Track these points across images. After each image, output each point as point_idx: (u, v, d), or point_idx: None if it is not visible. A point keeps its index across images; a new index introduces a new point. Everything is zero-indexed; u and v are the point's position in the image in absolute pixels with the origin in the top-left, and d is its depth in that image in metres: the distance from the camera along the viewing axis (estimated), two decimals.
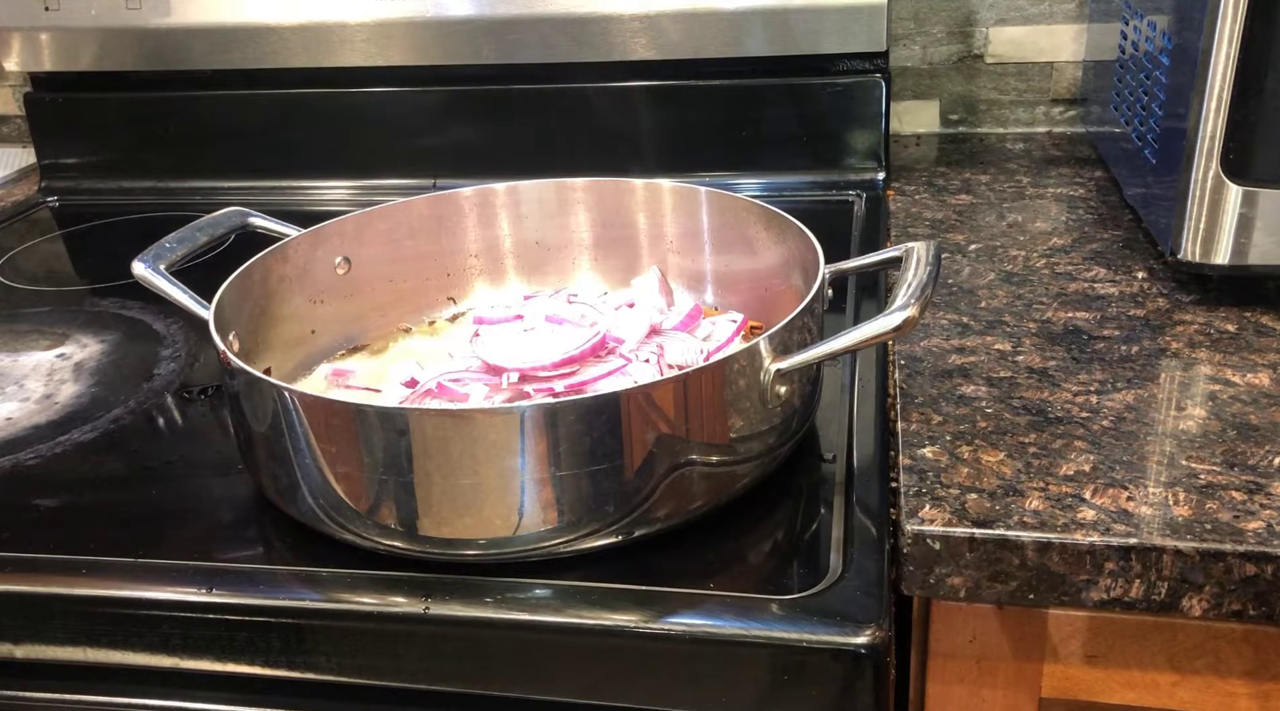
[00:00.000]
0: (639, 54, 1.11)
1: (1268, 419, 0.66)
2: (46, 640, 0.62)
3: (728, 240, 0.81)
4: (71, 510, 0.68)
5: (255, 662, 0.60)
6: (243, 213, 0.81)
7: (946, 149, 1.20)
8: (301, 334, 0.77)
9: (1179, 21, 0.80)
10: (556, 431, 0.56)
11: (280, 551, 0.64)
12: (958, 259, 0.90)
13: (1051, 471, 0.62)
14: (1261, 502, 0.59)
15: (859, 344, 0.60)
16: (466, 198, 0.85)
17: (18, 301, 1.00)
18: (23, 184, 1.31)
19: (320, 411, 0.58)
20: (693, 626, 0.55)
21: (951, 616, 0.63)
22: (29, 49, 1.21)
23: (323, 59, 1.16)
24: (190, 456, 0.73)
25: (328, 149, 1.21)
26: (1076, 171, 1.10)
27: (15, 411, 0.80)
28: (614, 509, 0.58)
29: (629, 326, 0.73)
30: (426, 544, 0.59)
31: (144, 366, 0.85)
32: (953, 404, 0.69)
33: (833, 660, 0.54)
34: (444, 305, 0.85)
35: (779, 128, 1.13)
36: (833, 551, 0.60)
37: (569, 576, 0.59)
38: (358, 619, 0.58)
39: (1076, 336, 0.77)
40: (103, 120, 1.24)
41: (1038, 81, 1.23)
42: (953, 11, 1.21)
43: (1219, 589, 0.57)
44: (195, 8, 1.16)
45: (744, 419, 0.60)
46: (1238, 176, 0.76)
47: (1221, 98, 0.74)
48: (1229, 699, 0.63)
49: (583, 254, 0.87)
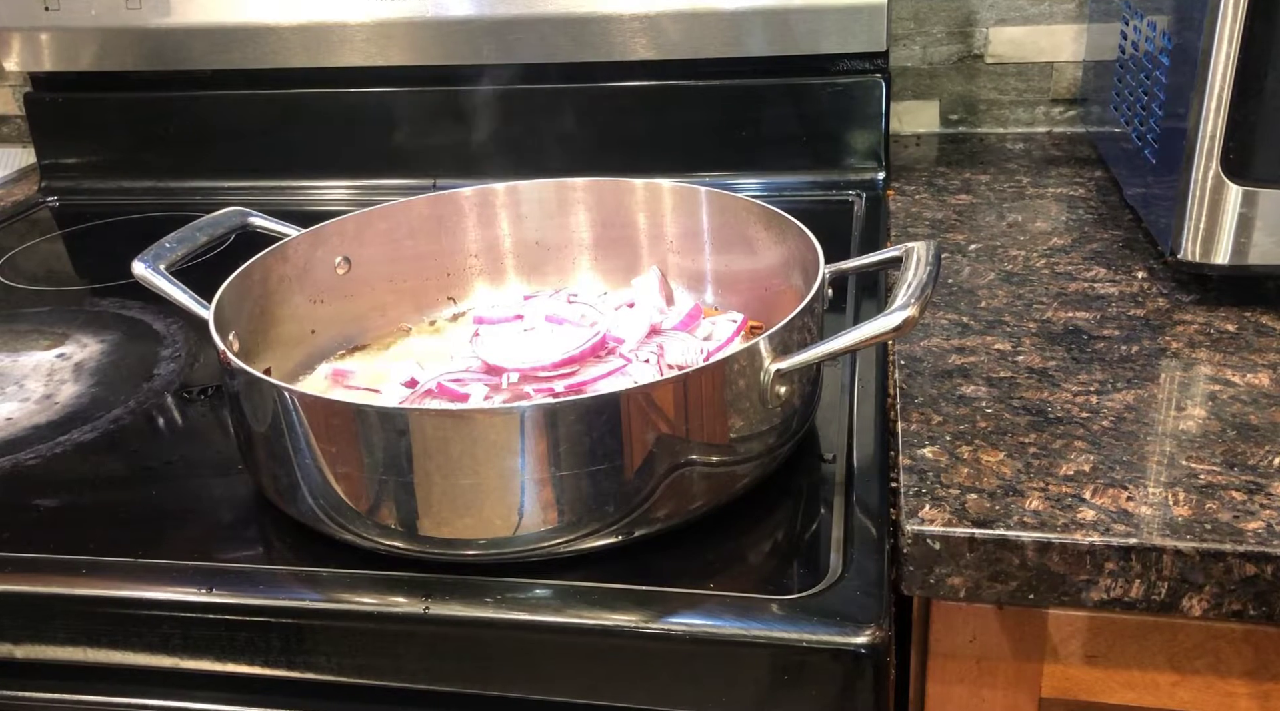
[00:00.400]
0: (639, 54, 1.11)
1: (1268, 419, 0.66)
2: (46, 640, 0.62)
3: (728, 240, 0.81)
4: (71, 510, 0.68)
5: (255, 662, 0.60)
6: (243, 213, 0.81)
7: (946, 149, 1.20)
8: (301, 334, 0.77)
9: (1179, 21, 0.80)
10: (556, 431, 0.56)
11: (280, 551, 0.64)
12: (958, 259, 0.90)
13: (1051, 471, 0.62)
14: (1261, 502, 0.59)
15: (859, 344, 0.60)
16: (466, 198, 0.85)
17: (18, 301, 1.00)
18: (23, 184, 1.31)
19: (320, 411, 0.58)
20: (693, 626, 0.55)
21: (951, 616, 0.63)
22: (29, 49, 1.21)
23: (323, 59, 1.16)
24: (190, 456, 0.73)
25: (328, 149, 1.21)
26: (1076, 171, 1.10)
27: (15, 411, 0.80)
28: (614, 509, 0.58)
29: (629, 326, 0.73)
30: (426, 544, 0.59)
31: (144, 366, 0.85)
32: (953, 404, 0.69)
33: (833, 660, 0.54)
34: (444, 305, 0.85)
35: (779, 128, 1.13)
36: (833, 551, 0.60)
37: (569, 576, 0.59)
38: (358, 619, 0.58)
39: (1076, 336, 0.77)
40: (103, 120, 1.24)
41: (1038, 81, 1.23)
42: (953, 11, 1.21)
43: (1219, 589, 0.57)
44: (195, 8, 1.16)
45: (744, 419, 0.60)
46: (1238, 176, 0.76)
47: (1221, 98, 0.74)
48: (1229, 699, 0.63)
49: (583, 254, 0.87)
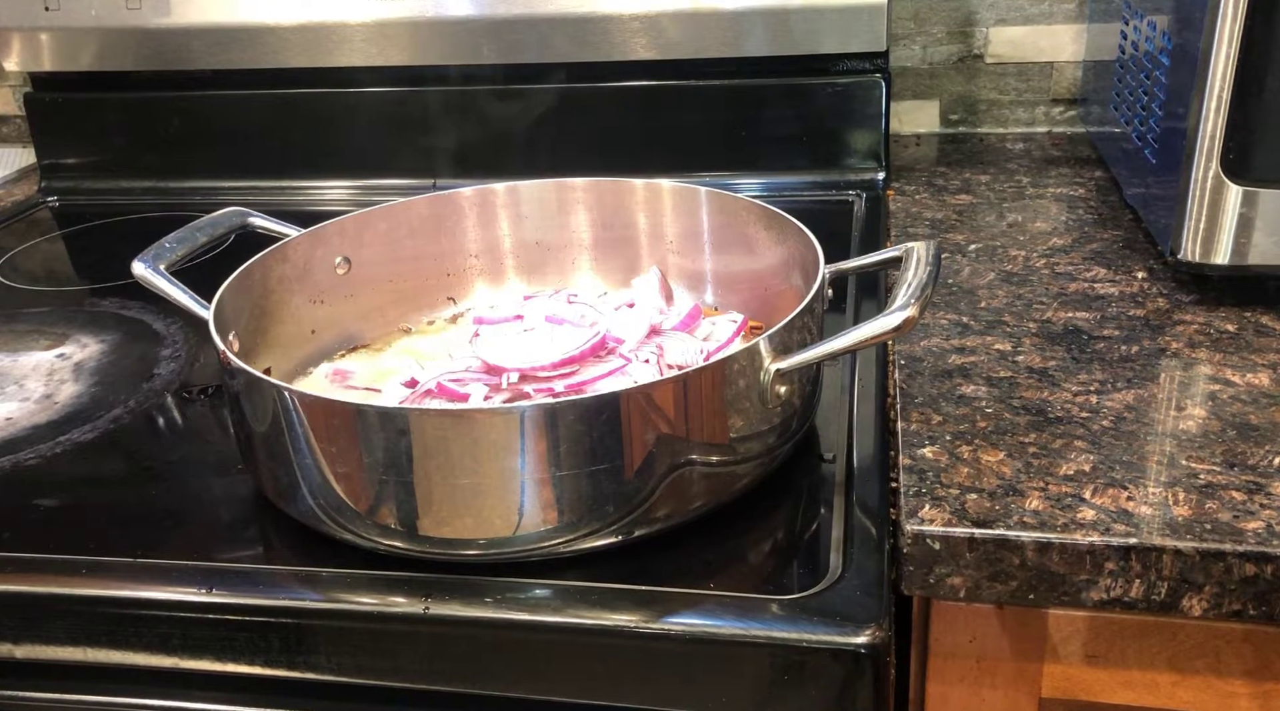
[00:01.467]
0: (639, 54, 1.11)
1: (1268, 419, 0.66)
2: (46, 640, 0.62)
3: (728, 240, 0.81)
4: (71, 510, 0.68)
5: (255, 662, 0.60)
6: (243, 213, 0.81)
7: (946, 149, 1.20)
8: (301, 334, 0.77)
9: (1179, 21, 0.80)
10: (556, 431, 0.56)
11: (280, 551, 0.64)
12: (958, 259, 0.90)
13: (1051, 471, 0.62)
14: (1261, 502, 0.59)
15: (859, 344, 0.60)
16: (466, 198, 0.85)
17: (18, 301, 1.00)
18: (23, 184, 1.31)
19: (320, 411, 0.58)
20: (693, 626, 0.55)
21: (951, 616, 0.63)
22: (29, 49, 1.21)
23: (323, 59, 1.16)
24: (190, 456, 0.73)
25: (328, 149, 1.21)
26: (1076, 171, 1.10)
27: (15, 411, 0.80)
28: (614, 509, 0.58)
29: (629, 326, 0.73)
30: (426, 544, 0.59)
31: (144, 366, 0.85)
32: (953, 404, 0.69)
33: (833, 660, 0.54)
34: (444, 305, 0.85)
35: (779, 128, 1.13)
36: (833, 551, 0.60)
37: (569, 576, 0.59)
38: (358, 619, 0.58)
39: (1076, 336, 0.77)
40: (103, 120, 1.24)
41: (1038, 81, 1.23)
42: (953, 11, 1.21)
43: (1219, 589, 0.57)
44: (195, 8, 1.16)
45: (744, 419, 0.60)
46: (1238, 176, 0.76)
47: (1221, 98, 0.74)
48: (1229, 699, 0.63)
49: (583, 254, 0.87)
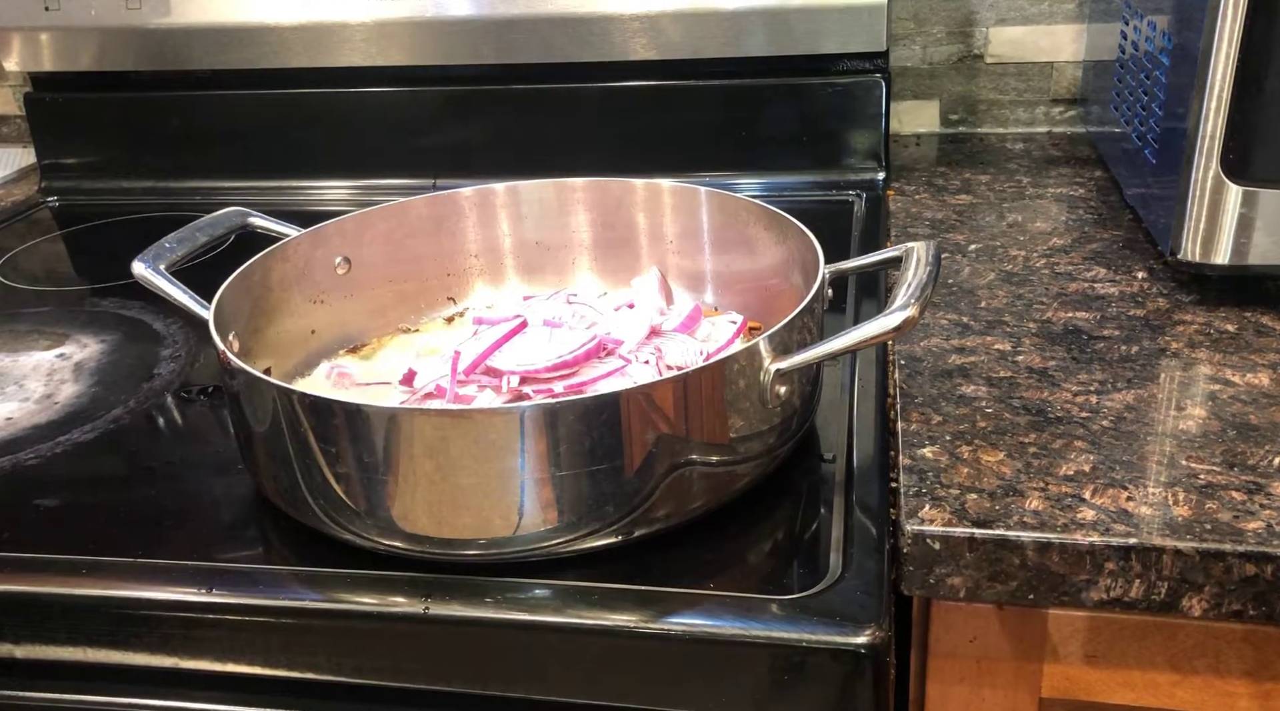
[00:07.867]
0: (639, 54, 1.11)
1: (1268, 419, 0.66)
2: (46, 640, 0.62)
3: (728, 240, 0.81)
4: (71, 510, 0.68)
5: (255, 662, 0.60)
6: (243, 213, 0.81)
7: (946, 149, 1.20)
8: (301, 334, 0.77)
9: (1179, 21, 0.80)
10: (556, 431, 0.56)
11: (280, 551, 0.64)
12: (958, 259, 0.90)
13: (1051, 471, 0.62)
14: (1261, 502, 0.59)
15: (859, 344, 0.60)
16: (466, 198, 0.85)
17: (18, 301, 1.00)
18: (23, 184, 1.31)
19: (320, 411, 0.58)
20: (693, 626, 0.55)
21: (951, 616, 0.63)
22: (29, 49, 1.21)
23: (323, 59, 1.16)
24: (190, 456, 0.73)
25: (328, 149, 1.21)
26: (1076, 171, 1.10)
27: (15, 411, 0.80)
28: (614, 509, 0.58)
29: (628, 327, 0.73)
30: (426, 544, 0.59)
31: (144, 366, 0.85)
32: (953, 404, 0.69)
33: (832, 660, 0.54)
34: (444, 305, 0.85)
35: (779, 128, 1.13)
36: (833, 551, 0.60)
37: (569, 576, 0.59)
38: (358, 619, 0.58)
39: (1076, 336, 0.77)
40: (103, 120, 1.24)
41: (1038, 81, 1.23)
42: (953, 11, 1.21)
43: (1219, 589, 0.57)
44: (195, 8, 1.16)
45: (744, 419, 0.60)
46: (1238, 176, 0.76)
47: (1221, 98, 0.74)
48: (1229, 699, 0.63)
49: (582, 254, 0.87)
